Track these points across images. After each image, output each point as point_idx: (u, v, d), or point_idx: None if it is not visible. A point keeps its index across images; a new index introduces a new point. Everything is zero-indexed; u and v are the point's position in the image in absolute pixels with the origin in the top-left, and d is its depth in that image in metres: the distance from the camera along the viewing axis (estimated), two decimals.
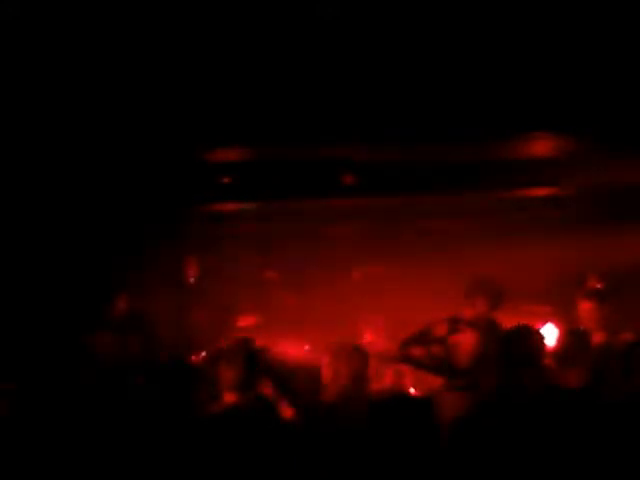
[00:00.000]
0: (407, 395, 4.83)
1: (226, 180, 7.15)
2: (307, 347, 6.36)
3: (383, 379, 6.37)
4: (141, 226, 7.36)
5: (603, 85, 5.32)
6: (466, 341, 4.62)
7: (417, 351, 5.74)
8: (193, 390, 4.05)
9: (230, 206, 7.75)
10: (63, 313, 6.59)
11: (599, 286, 6.41)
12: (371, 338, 7.24)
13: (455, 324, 5.33)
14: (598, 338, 5.26)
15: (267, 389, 4.58)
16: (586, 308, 5.63)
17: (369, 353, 4.41)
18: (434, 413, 3.02)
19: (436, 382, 5.12)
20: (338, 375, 4.14)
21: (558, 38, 5.05)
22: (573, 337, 4.85)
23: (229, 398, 4.28)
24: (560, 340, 4.88)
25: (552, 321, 6.42)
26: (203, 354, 6.02)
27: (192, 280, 7.66)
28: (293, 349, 6.21)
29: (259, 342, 5.29)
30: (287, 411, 4.37)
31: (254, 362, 4.41)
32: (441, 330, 5.22)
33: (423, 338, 5.69)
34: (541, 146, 6.42)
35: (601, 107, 5.48)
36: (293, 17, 4.63)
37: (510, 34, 5.02)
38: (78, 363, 5.23)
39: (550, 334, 5.95)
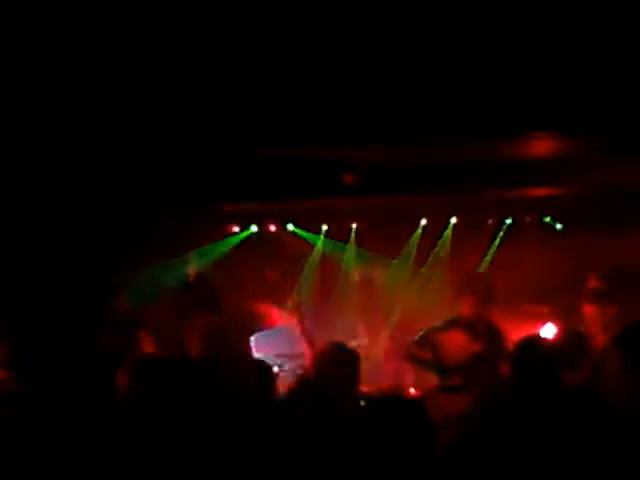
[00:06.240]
0: (400, 395, 4.83)
1: (227, 180, 7.15)
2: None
3: (383, 379, 6.40)
4: (141, 226, 7.37)
5: (603, 85, 5.31)
6: (451, 340, 4.60)
7: (418, 351, 5.77)
8: (194, 389, 4.05)
9: (230, 206, 7.75)
10: (63, 313, 6.60)
11: (600, 287, 6.41)
12: (371, 339, 7.27)
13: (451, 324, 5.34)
14: (600, 341, 5.25)
15: None
16: (590, 312, 5.65)
17: (363, 354, 4.36)
18: (426, 413, 3.02)
19: (436, 382, 5.11)
20: None
21: (558, 37, 5.05)
22: (572, 337, 4.86)
23: None
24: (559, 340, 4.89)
25: (552, 321, 6.43)
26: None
27: (193, 280, 7.67)
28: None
29: None
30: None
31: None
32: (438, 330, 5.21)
33: (424, 338, 5.72)
34: (541, 146, 6.41)
35: (602, 107, 5.47)
36: (291, 15, 4.62)
37: (510, 33, 5.02)
38: (79, 363, 5.24)
39: (550, 334, 5.96)
